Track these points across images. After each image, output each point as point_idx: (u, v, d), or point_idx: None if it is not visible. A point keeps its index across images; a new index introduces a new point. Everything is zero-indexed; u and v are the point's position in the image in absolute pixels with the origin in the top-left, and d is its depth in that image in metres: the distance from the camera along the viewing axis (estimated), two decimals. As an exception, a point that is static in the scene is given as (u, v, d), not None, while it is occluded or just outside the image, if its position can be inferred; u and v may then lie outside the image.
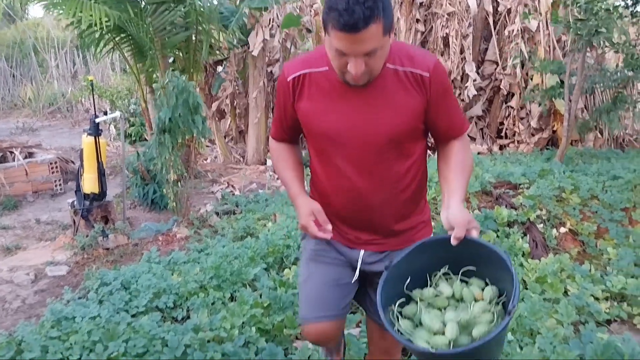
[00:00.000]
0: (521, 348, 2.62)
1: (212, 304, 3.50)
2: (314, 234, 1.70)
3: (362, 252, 1.82)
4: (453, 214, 1.53)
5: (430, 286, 1.59)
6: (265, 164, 8.46)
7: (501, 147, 8.47)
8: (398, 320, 1.51)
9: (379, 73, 1.57)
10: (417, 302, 1.56)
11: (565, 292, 3.29)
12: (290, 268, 3.95)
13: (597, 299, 3.17)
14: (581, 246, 3.99)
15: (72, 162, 8.17)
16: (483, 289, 1.53)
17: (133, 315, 3.38)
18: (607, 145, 7.67)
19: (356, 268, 1.83)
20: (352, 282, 1.86)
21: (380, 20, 1.41)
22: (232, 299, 3.61)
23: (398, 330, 1.48)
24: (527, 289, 3.26)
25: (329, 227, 1.70)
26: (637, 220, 4.11)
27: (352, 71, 1.48)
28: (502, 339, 1.54)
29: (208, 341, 2.87)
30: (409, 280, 1.58)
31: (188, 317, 3.40)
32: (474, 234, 1.50)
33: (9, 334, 3.29)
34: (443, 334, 1.44)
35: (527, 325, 2.79)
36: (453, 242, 1.48)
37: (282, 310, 3.27)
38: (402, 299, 1.58)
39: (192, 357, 2.73)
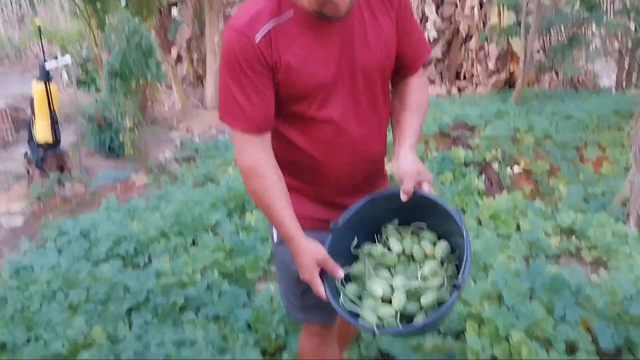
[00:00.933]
0: (475, 282, 2.74)
1: (174, 249, 3.50)
2: (319, 293, 1.41)
3: None
4: (403, 164, 1.41)
5: (380, 242, 1.51)
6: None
7: (460, 89, 8.54)
8: (344, 286, 1.44)
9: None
10: (365, 261, 1.48)
11: (518, 228, 3.42)
12: (252, 212, 3.96)
13: (547, 234, 3.31)
14: (534, 184, 4.13)
15: (24, 110, 7.84)
16: (435, 243, 1.47)
17: (94, 264, 3.35)
18: (562, 86, 7.83)
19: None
20: None
21: None
22: (193, 244, 3.61)
23: (343, 302, 1.40)
24: (481, 225, 3.37)
25: (341, 273, 1.41)
26: (587, 159, 4.26)
27: None
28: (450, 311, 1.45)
29: (170, 286, 2.88)
30: (355, 240, 1.49)
31: (150, 264, 3.40)
32: (425, 188, 1.39)
33: (-35, 286, 3.23)
34: (390, 302, 1.39)
35: (481, 261, 2.90)
36: (402, 197, 1.38)
37: (244, 254, 3.29)
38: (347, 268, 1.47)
39: (155, 302, 2.75)
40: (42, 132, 4.99)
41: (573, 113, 5.02)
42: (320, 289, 1.40)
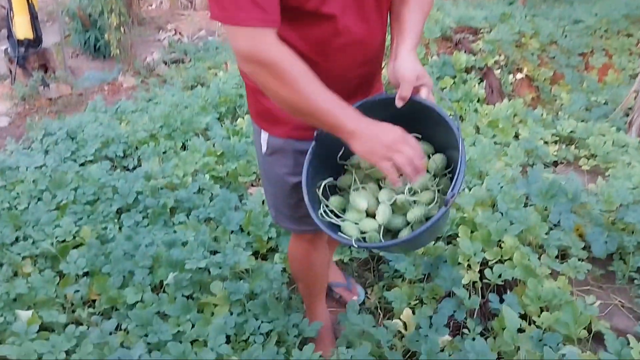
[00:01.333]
0: (469, 189, 2.69)
1: (164, 152, 3.42)
2: (419, 162, 1.19)
3: None
4: (401, 66, 1.25)
5: None
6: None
7: (464, -7, 8.13)
8: (326, 198, 1.35)
9: None
10: (352, 173, 1.38)
11: (516, 137, 3.34)
12: (243, 118, 3.84)
13: (546, 142, 3.24)
14: (536, 92, 4.00)
15: (2, 7, 7.43)
16: (430, 156, 1.37)
17: (81, 165, 3.28)
18: (572, -10, 7.46)
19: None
20: None
21: None
22: (183, 148, 3.53)
23: (323, 213, 1.32)
24: (479, 133, 3.29)
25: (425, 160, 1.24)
26: (593, 66, 4.10)
27: None
28: (438, 228, 1.36)
29: (160, 188, 2.83)
30: (342, 150, 1.35)
31: (139, 166, 3.33)
32: (424, 94, 1.25)
33: (-50, 186, 3.17)
34: (374, 216, 1.30)
35: (477, 168, 2.84)
36: (397, 103, 1.24)
37: (235, 158, 3.22)
38: (330, 179, 1.37)
39: (145, 204, 2.70)
40: (22, 28, 4.73)
41: (582, 17, 4.79)
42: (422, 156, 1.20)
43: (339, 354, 1.78)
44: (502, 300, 1.97)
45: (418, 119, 1.31)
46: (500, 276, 2.03)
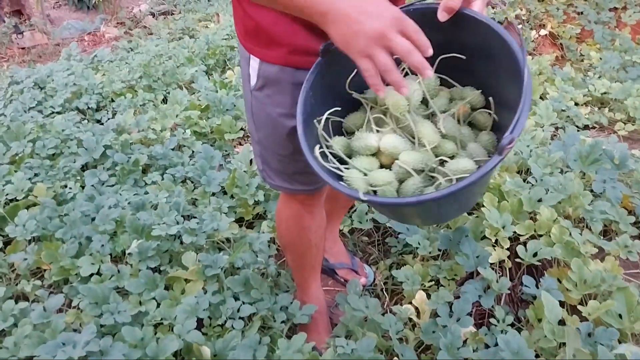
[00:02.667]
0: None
1: (142, 105, 3.02)
2: (419, 39, 0.81)
3: None
4: None
5: None
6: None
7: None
8: (327, 140, 0.98)
9: None
10: (367, 109, 1.02)
11: (542, 98, 2.94)
12: (233, 70, 3.43)
13: (577, 103, 2.85)
14: (560, 50, 3.58)
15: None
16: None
17: (47, 116, 2.89)
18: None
19: None
20: None
21: None
22: (164, 101, 3.13)
23: (319, 155, 0.94)
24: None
25: (430, 51, 0.82)
26: (625, 23, 3.67)
27: None
28: (478, 189, 1.01)
29: (131, 143, 2.43)
30: (354, 73, 0.97)
31: (113, 120, 2.93)
32: (477, 6, 0.90)
33: None
34: (389, 167, 0.96)
35: (501, 129, 2.46)
36: (441, 15, 0.89)
37: (222, 113, 2.83)
38: (336, 109, 0.99)
39: (113, 160, 2.31)
40: (-8, -32, 4.27)
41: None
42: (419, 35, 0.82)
43: (337, 346, 1.42)
44: (536, 285, 1.60)
45: (464, 45, 0.92)
46: (535, 255, 1.66)
